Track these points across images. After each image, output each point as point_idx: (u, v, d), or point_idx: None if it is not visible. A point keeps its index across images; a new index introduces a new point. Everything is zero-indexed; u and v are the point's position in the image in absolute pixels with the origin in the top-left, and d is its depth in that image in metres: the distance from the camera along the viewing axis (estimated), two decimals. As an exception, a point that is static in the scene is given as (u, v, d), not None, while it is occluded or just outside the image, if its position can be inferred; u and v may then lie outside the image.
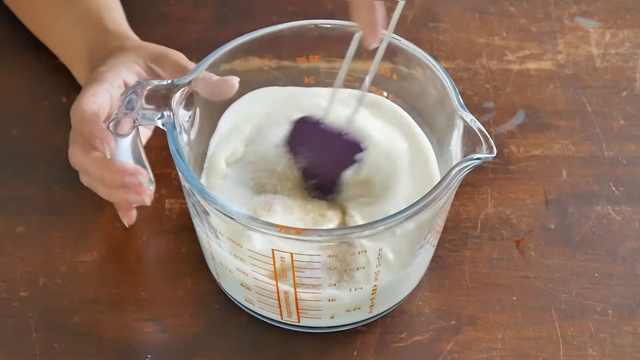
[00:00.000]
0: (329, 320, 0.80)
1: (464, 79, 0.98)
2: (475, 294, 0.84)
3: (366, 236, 0.74)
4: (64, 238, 0.87)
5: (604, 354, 0.81)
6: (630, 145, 0.93)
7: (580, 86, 0.98)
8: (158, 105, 0.79)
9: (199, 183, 0.75)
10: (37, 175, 0.91)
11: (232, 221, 0.74)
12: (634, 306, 0.83)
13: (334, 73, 0.84)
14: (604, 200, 0.90)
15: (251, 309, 0.81)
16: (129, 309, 0.83)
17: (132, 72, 0.86)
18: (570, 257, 0.86)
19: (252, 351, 0.81)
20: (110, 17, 0.92)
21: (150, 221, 0.88)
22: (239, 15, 1.04)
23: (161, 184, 0.90)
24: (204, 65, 0.82)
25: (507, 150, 0.93)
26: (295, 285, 0.77)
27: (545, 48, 1.01)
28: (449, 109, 0.79)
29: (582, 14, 1.04)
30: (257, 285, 0.78)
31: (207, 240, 0.79)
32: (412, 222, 0.75)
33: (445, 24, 1.03)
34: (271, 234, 0.73)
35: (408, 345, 0.82)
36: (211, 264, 0.82)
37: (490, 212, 0.89)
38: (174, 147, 0.77)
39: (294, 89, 0.87)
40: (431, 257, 0.83)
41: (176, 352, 0.81)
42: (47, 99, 0.96)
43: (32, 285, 0.85)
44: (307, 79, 0.87)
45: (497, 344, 0.81)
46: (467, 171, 0.75)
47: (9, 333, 0.82)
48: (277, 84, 0.87)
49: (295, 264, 0.75)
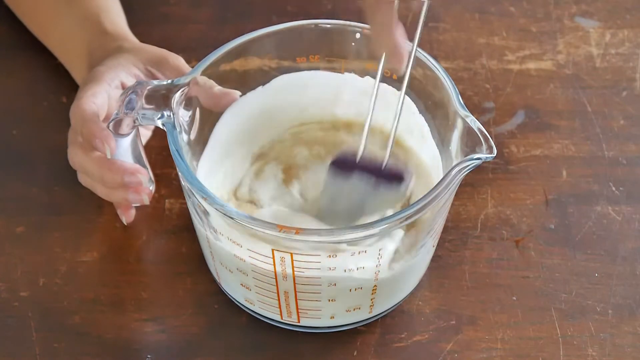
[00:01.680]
0: (329, 320, 0.80)
1: (464, 79, 0.98)
2: (475, 294, 0.84)
3: (366, 236, 0.74)
4: (64, 238, 0.87)
5: (604, 354, 0.81)
6: (630, 145, 0.93)
7: (580, 86, 0.98)
8: (158, 105, 0.79)
9: (199, 183, 0.75)
10: (37, 175, 0.91)
11: (232, 221, 0.74)
12: (634, 306, 0.83)
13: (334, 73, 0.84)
14: (604, 200, 0.90)
15: (251, 309, 0.81)
16: (129, 309, 0.83)
17: (130, 74, 0.86)
18: (570, 257, 0.86)
19: (252, 351, 0.81)
20: (108, 18, 0.92)
21: (150, 221, 0.88)
22: (239, 15, 1.04)
23: (161, 184, 0.90)
24: (204, 65, 0.82)
25: (507, 150, 0.93)
26: (295, 285, 0.77)
27: (545, 48, 1.01)
28: (449, 109, 0.79)
29: (582, 14, 1.04)
30: (257, 286, 0.78)
31: (207, 240, 0.79)
32: (412, 221, 0.75)
33: (445, 24, 1.03)
34: (271, 234, 0.73)
35: (408, 345, 0.82)
36: (211, 264, 0.82)
37: (490, 212, 0.89)
38: (174, 147, 0.77)
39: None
40: (431, 257, 0.83)
41: (176, 352, 0.81)
42: (47, 99, 0.96)
43: (32, 285, 0.85)
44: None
45: (497, 344, 0.81)
46: (467, 171, 0.75)
47: (9, 333, 0.82)
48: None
49: (295, 264, 0.75)
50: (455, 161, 0.76)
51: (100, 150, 0.81)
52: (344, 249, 0.75)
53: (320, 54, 0.85)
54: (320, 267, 0.75)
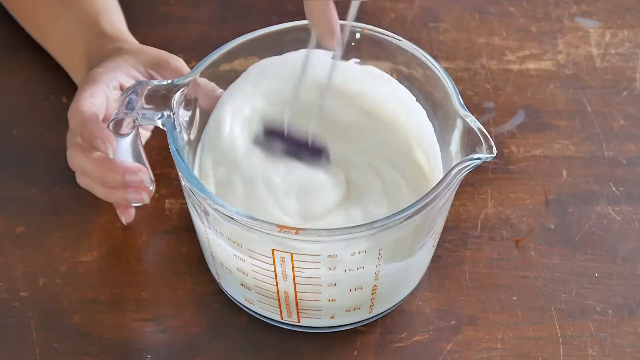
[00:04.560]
0: (329, 320, 0.80)
1: (464, 79, 0.98)
2: (475, 294, 0.84)
3: (366, 236, 0.74)
4: (64, 238, 0.87)
5: (604, 354, 0.81)
6: (630, 145, 0.93)
7: (580, 86, 0.98)
8: (158, 105, 0.79)
9: (199, 183, 0.75)
10: (37, 175, 0.91)
11: (232, 221, 0.74)
12: (634, 306, 0.83)
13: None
14: (604, 200, 0.90)
15: (251, 308, 0.81)
16: (129, 309, 0.83)
17: (128, 76, 0.85)
18: (570, 257, 0.86)
19: (252, 351, 0.81)
20: (107, 20, 0.92)
21: (150, 221, 0.88)
22: (239, 15, 1.04)
23: (161, 184, 0.90)
24: (204, 65, 0.82)
25: (507, 150, 0.93)
26: (295, 285, 0.77)
27: (545, 48, 1.01)
28: (449, 109, 0.79)
29: (582, 14, 1.04)
30: (257, 285, 0.78)
31: (207, 240, 0.79)
32: (412, 221, 0.75)
33: (445, 24, 1.03)
34: (271, 234, 0.74)
35: (408, 345, 0.82)
36: (211, 264, 0.82)
37: (490, 212, 0.89)
38: (174, 147, 0.77)
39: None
40: (431, 257, 0.83)
41: (176, 352, 0.81)
42: (47, 99, 0.96)
43: (32, 285, 0.85)
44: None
45: (497, 344, 0.81)
46: (467, 171, 0.75)
47: (9, 333, 0.82)
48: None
49: (295, 264, 0.75)
50: (455, 161, 0.76)
51: (102, 151, 0.81)
52: (344, 248, 0.75)
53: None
54: (320, 267, 0.75)
